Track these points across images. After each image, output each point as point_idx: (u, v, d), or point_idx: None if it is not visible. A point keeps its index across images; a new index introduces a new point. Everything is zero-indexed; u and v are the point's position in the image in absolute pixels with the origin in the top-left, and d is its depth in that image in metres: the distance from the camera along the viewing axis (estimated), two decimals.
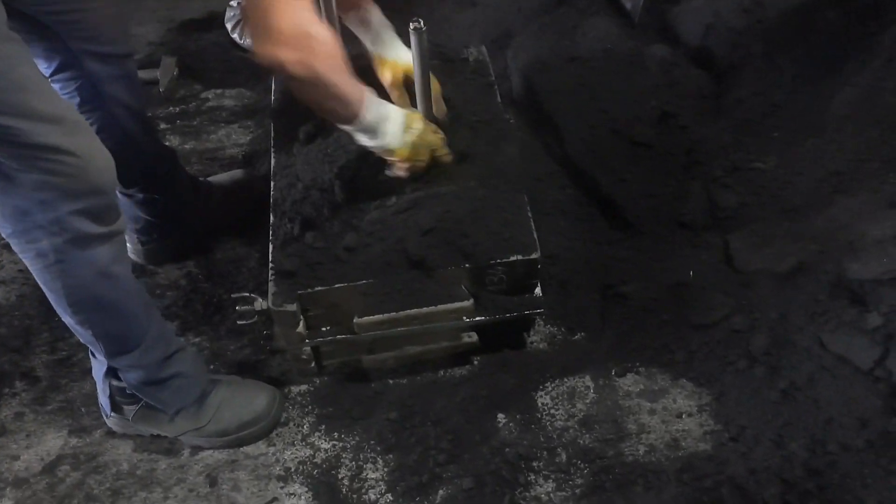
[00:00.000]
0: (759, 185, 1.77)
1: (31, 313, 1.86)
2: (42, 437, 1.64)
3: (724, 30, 2.00)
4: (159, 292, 1.88)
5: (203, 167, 2.21)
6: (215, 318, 1.82)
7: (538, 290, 1.57)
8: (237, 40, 2.55)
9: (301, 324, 1.51)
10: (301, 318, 1.50)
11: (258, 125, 2.32)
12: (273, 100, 1.86)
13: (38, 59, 1.46)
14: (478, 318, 1.54)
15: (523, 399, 1.59)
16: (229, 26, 2.56)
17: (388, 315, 1.51)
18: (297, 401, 1.66)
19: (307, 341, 1.55)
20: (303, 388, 1.67)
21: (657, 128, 1.91)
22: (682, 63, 2.04)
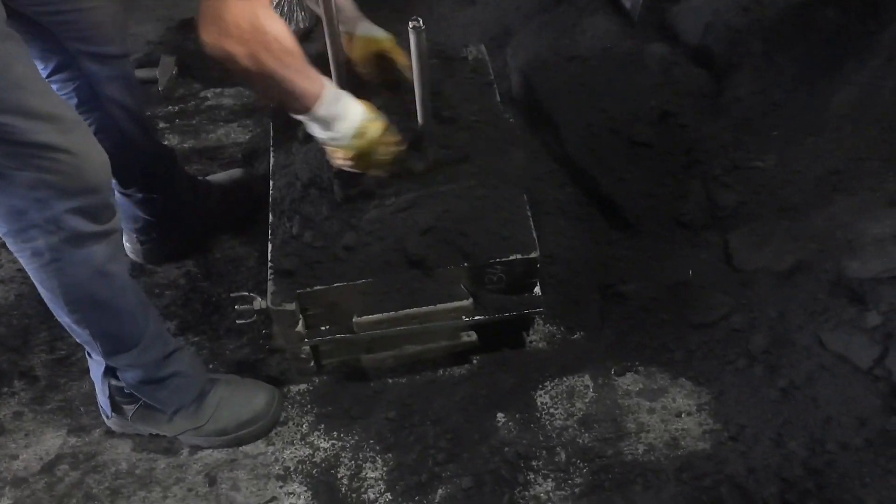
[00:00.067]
0: (759, 184, 1.77)
1: (30, 312, 1.86)
2: (41, 437, 1.64)
3: (723, 28, 2.00)
4: (158, 291, 1.88)
5: (202, 166, 2.21)
6: (214, 318, 1.82)
7: (537, 289, 1.57)
8: None
9: (300, 323, 1.51)
10: (300, 317, 1.50)
11: (257, 124, 2.32)
12: None
13: (35, 59, 1.45)
14: (477, 318, 1.54)
15: (522, 398, 1.59)
16: None
17: (387, 314, 1.51)
18: (296, 400, 1.65)
19: (306, 340, 1.55)
20: (302, 387, 1.67)
21: (657, 127, 1.91)
22: (681, 62, 2.04)
